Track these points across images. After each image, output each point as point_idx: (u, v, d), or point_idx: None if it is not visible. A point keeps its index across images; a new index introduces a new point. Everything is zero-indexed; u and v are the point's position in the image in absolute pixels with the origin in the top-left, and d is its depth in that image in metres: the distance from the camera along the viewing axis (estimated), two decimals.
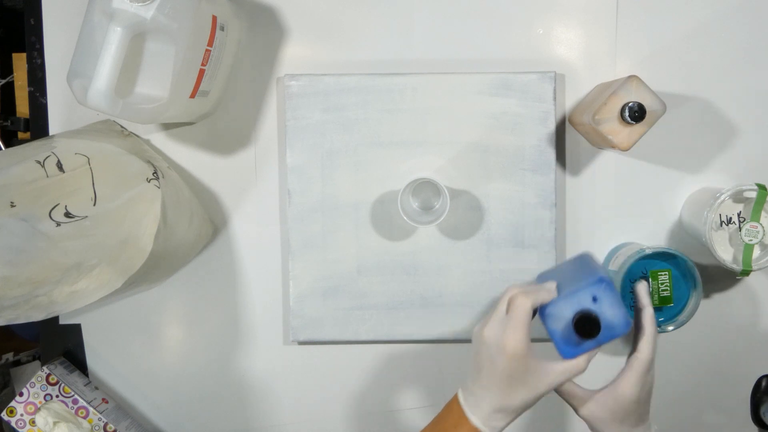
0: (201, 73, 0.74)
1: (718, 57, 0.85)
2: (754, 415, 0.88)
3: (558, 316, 0.61)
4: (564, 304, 0.61)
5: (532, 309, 0.60)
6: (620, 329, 0.60)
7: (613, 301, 0.60)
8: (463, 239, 0.85)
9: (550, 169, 0.84)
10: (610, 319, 0.60)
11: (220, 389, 0.90)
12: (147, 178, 0.76)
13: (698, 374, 0.88)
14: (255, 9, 0.86)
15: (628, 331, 0.61)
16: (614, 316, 0.60)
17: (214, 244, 0.88)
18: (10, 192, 0.76)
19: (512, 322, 0.60)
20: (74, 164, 0.77)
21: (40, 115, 0.87)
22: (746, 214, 0.78)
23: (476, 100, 0.84)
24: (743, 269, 0.77)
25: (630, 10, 0.85)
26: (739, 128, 0.85)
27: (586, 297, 0.60)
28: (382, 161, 0.85)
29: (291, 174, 0.85)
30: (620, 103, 0.73)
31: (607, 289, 0.60)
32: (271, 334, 0.89)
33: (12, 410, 0.84)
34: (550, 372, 0.60)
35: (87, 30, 0.69)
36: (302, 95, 0.84)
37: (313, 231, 0.85)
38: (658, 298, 0.79)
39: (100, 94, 0.65)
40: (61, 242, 0.76)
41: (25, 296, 0.73)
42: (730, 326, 0.87)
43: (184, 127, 0.87)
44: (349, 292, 0.85)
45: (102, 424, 0.85)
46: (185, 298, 0.89)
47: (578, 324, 0.59)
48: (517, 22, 0.85)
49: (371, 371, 0.89)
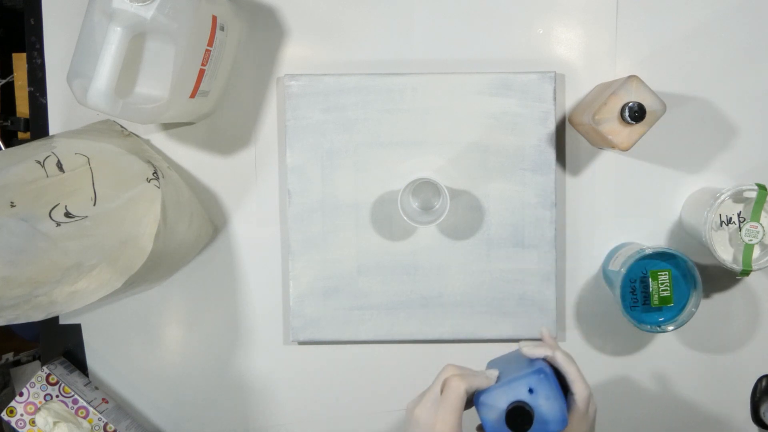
0: (201, 73, 0.74)
1: (718, 57, 0.85)
2: (754, 415, 0.88)
3: (492, 405, 0.58)
4: (499, 393, 0.58)
5: (466, 393, 0.58)
6: (555, 425, 0.57)
7: (549, 393, 0.57)
8: (463, 239, 0.85)
9: (550, 169, 0.84)
10: (545, 413, 0.57)
11: (220, 389, 0.90)
12: (147, 178, 0.76)
13: (698, 374, 0.88)
14: (255, 9, 0.86)
15: (563, 429, 0.58)
16: (550, 410, 0.57)
17: (214, 244, 0.88)
18: (10, 192, 0.76)
19: (444, 405, 0.58)
20: (74, 164, 0.77)
21: (40, 115, 0.87)
22: (746, 214, 0.78)
23: (476, 100, 0.84)
24: (743, 269, 0.77)
25: (630, 10, 0.85)
26: (739, 128, 0.85)
27: (522, 387, 0.58)
28: (382, 161, 0.85)
29: (291, 174, 0.85)
30: (620, 103, 0.73)
31: (545, 381, 0.58)
32: (271, 334, 0.89)
33: (12, 410, 0.84)
34: None
35: (87, 30, 0.69)
36: (302, 95, 0.84)
37: (313, 231, 0.85)
38: (658, 298, 0.79)
39: (100, 94, 0.65)
40: (61, 242, 0.76)
41: (25, 296, 0.73)
42: (730, 326, 0.87)
43: (184, 127, 0.87)
44: (349, 292, 0.85)
45: (102, 424, 0.85)
46: (185, 298, 0.89)
47: (510, 415, 0.56)
48: (517, 22, 0.85)
49: (371, 371, 0.89)
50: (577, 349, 0.88)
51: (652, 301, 0.79)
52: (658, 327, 0.79)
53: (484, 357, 0.89)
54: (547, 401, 0.57)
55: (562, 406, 0.57)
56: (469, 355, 0.88)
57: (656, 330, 0.79)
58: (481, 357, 0.89)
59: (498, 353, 0.90)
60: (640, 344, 0.88)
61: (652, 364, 0.88)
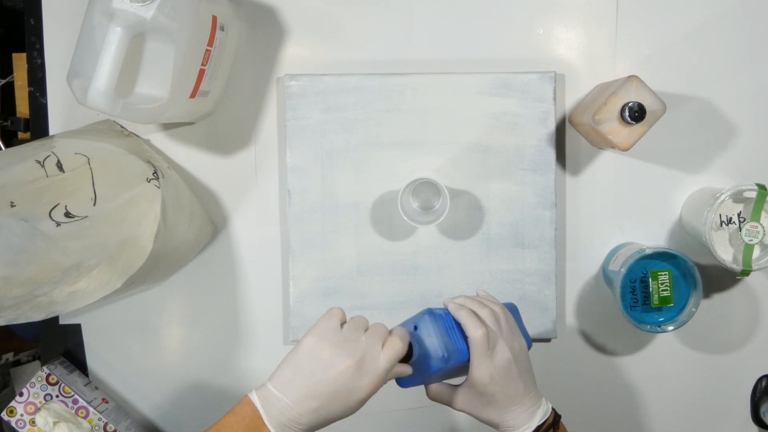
0: (201, 73, 0.74)
1: (718, 57, 0.85)
2: (754, 415, 0.88)
3: None
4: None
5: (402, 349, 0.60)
6: (435, 360, 0.61)
7: (431, 331, 0.61)
8: (463, 239, 0.85)
9: (550, 169, 0.84)
10: (428, 348, 0.61)
11: (220, 389, 0.90)
12: (147, 178, 0.76)
13: (698, 374, 0.88)
14: (255, 9, 0.86)
15: (453, 365, 0.62)
16: (431, 345, 0.61)
17: (214, 244, 0.88)
18: (10, 192, 0.76)
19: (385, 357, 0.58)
20: (74, 164, 0.77)
21: (40, 115, 0.87)
22: (746, 214, 0.78)
23: (476, 100, 0.84)
24: (743, 269, 0.77)
25: (630, 10, 0.85)
26: (739, 128, 0.85)
27: (409, 325, 0.63)
28: (382, 161, 0.85)
29: (291, 174, 0.85)
30: (620, 103, 0.73)
31: (427, 319, 0.62)
32: (271, 334, 0.89)
33: (12, 410, 0.84)
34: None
35: (87, 30, 0.69)
36: (302, 95, 0.84)
37: (313, 231, 0.85)
38: (658, 298, 0.79)
39: (100, 94, 0.65)
40: (61, 242, 0.76)
41: (25, 296, 0.73)
42: (730, 326, 0.87)
43: (184, 127, 0.87)
44: (349, 292, 0.85)
45: (102, 424, 0.85)
46: (185, 298, 0.89)
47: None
48: (517, 22, 0.85)
49: None
50: (577, 349, 0.88)
51: (652, 301, 0.79)
52: (658, 327, 0.79)
53: None
54: (429, 337, 0.62)
55: (443, 342, 0.61)
56: None
57: (656, 330, 0.79)
58: None
59: None
60: (640, 344, 0.88)
61: (652, 364, 0.88)
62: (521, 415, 0.64)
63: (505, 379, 0.63)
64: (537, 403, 0.65)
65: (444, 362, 0.61)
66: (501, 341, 0.63)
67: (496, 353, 0.63)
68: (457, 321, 0.64)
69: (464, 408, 0.66)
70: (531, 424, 0.64)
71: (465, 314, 0.63)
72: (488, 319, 0.64)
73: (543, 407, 0.65)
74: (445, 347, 0.61)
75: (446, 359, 0.61)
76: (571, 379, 0.88)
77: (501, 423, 0.65)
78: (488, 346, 0.62)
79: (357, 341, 0.59)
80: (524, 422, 0.64)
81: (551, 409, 0.65)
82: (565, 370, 0.88)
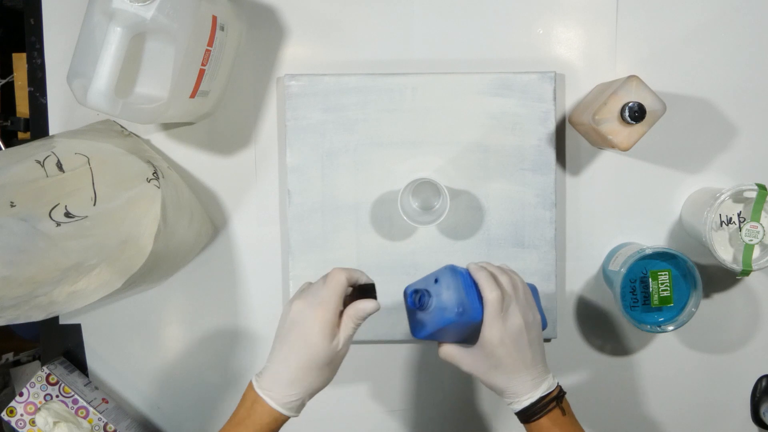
0: (201, 73, 0.74)
1: (718, 57, 0.85)
2: (754, 415, 0.88)
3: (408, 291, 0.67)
4: (416, 283, 0.68)
5: (347, 281, 0.64)
6: (450, 312, 0.63)
7: (450, 284, 0.65)
8: (463, 239, 0.85)
9: (550, 169, 0.84)
10: (444, 301, 0.64)
11: (220, 389, 0.90)
12: (147, 178, 0.76)
13: (698, 374, 0.88)
14: (255, 9, 0.86)
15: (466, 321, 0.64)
16: (448, 299, 0.64)
17: (214, 244, 0.88)
18: (10, 192, 0.76)
19: (326, 288, 0.63)
20: (74, 164, 0.77)
21: (40, 115, 0.87)
22: (746, 214, 0.78)
23: (476, 100, 0.84)
24: (743, 269, 0.77)
25: (630, 10, 0.85)
26: (739, 128, 0.85)
27: (431, 278, 0.67)
28: (382, 161, 0.85)
29: (291, 174, 0.85)
30: (620, 103, 0.73)
31: (448, 274, 0.65)
32: (271, 334, 0.88)
33: (12, 410, 0.84)
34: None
35: (87, 30, 0.69)
36: (302, 95, 0.84)
37: (313, 231, 0.85)
38: (658, 298, 0.79)
39: (100, 94, 0.65)
40: (61, 242, 0.76)
41: (25, 296, 0.73)
42: (730, 326, 0.87)
43: (184, 127, 0.87)
44: None
45: (102, 424, 0.85)
46: (185, 298, 0.89)
47: (408, 295, 0.66)
48: (517, 22, 0.85)
49: (371, 371, 0.89)
50: (577, 349, 0.88)
51: (652, 301, 0.79)
52: (658, 327, 0.79)
53: None
54: (447, 290, 0.64)
55: (458, 297, 0.64)
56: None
57: (656, 330, 0.79)
58: None
59: None
60: (640, 344, 0.88)
61: (652, 364, 0.88)
62: (526, 384, 0.65)
63: (515, 345, 0.64)
64: (544, 376, 0.66)
65: (458, 316, 0.63)
66: (515, 307, 0.65)
67: (509, 317, 0.65)
68: (476, 282, 0.66)
69: (472, 370, 0.67)
70: (534, 394, 0.65)
71: (484, 275, 0.66)
72: (506, 284, 0.66)
73: (549, 381, 0.66)
74: (460, 302, 0.64)
75: (460, 313, 0.63)
76: (570, 379, 0.88)
77: (506, 389, 0.66)
78: (501, 309, 0.64)
79: (309, 289, 0.65)
80: (528, 391, 0.65)
81: (557, 384, 0.67)
82: (565, 370, 0.88)
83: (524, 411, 0.66)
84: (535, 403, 0.65)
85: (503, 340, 0.64)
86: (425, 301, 0.65)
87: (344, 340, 0.63)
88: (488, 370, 0.66)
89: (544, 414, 0.65)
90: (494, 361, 0.65)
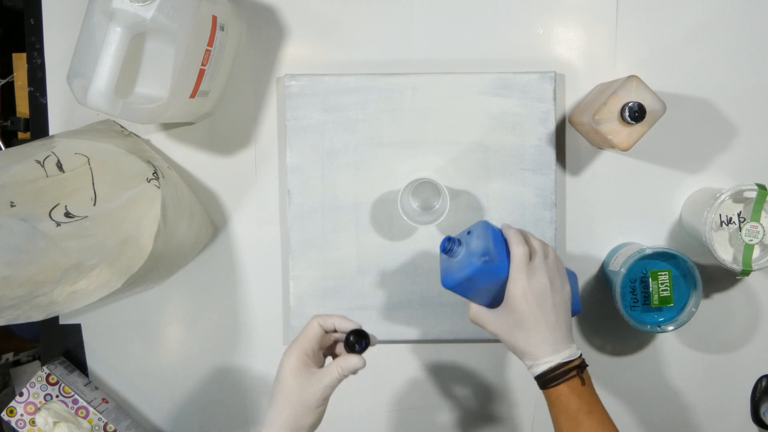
0: (201, 73, 0.74)
1: (718, 57, 0.85)
2: (754, 415, 0.88)
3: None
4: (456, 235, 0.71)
5: (319, 326, 0.64)
6: (477, 258, 0.66)
7: (480, 234, 0.68)
8: None
9: (550, 169, 0.84)
10: (473, 248, 0.67)
11: (220, 389, 0.90)
12: (147, 178, 0.76)
13: (698, 374, 0.88)
14: (255, 9, 0.86)
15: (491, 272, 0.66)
16: (477, 246, 0.67)
17: (214, 244, 0.88)
18: (10, 192, 0.76)
19: (300, 334, 0.64)
20: (74, 164, 0.77)
21: (40, 115, 0.87)
22: (746, 214, 0.78)
23: (476, 100, 0.84)
24: (743, 269, 0.77)
25: (630, 10, 0.85)
26: (739, 128, 0.85)
27: (464, 231, 0.71)
28: (382, 161, 0.85)
29: (291, 174, 0.85)
30: (620, 103, 0.73)
31: (482, 226, 0.69)
32: (271, 334, 0.89)
33: (12, 410, 0.84)
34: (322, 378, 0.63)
35: (87, 30, 0.69)
36: (302, 95, 0.84)
37: (313, 231, 0.85)
38: (658, 298, 0.79)
39: (100, 94, 0.65)
40: (61, 242, 0.76)
41: (25, 296, 0.73)
42: (730, 326, 0.87)
43: (184, 127, 0.87)
44: (349, 292, 0.85)
45: (102, 424, 0.85)
46: (185, 298, 0.89)
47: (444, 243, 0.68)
48: (517, 22, 0.85)
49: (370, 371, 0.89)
50: None
51: (652, 301, 0.79)
52: (658, 327, 0.79)
53: (485, 357, 0.89)
54: (477, 240, 0.68)
55: (486, 246, 0.66)
56: (470, 355, 0.88)
57: (656, 330, 0.79)
58: (482, 357, 0.89)
59: (498, 353, 0.90)
60: (640, 344, 0.88)
61: (652, 364, 0.88)
62: (546, 346, 0.65)
63: (538, 302, 0.65)
64: (566, 343, 0.66)
65: (484, 264, 0.65)
66: (542, 267, 0.66)
67: (535, 274, 0.66)
68: (506, 239, 0.69)
69: (496, 330, 0.68)
70: (553, 359, 0.65)
71: (513, 232, 0.69)
72: (536, 245, 0.68)
73: (571, 350, 0.66)
74: (487, 250, 0.66)
75: (486, 261, 0.65)
76: None
77: (525, 350, 0.66)
78: (527, 263, 0.66)
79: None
80: (548, 354, 0.65)
81: (580, 355, 0.67)
82: None
83: (543, 375, 0.65)
84: (554, 368, 0.65)
85: (526, 294, 0.65)
86: (454, 248, 0.68)
87: (327, 382, 0.63)
88: (511, 329, 0.66)
89: (563, 381, 0.65)
90: (516, 317, 0.66)
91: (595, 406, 0.65)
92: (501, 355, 0.88)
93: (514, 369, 0.88)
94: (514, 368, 0.88)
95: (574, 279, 0.75)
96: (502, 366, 0.88)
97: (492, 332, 0.69)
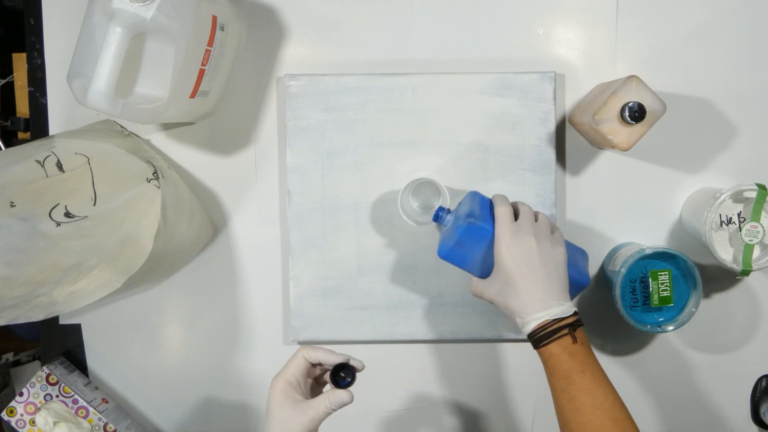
0: (201, 73, 0.74)
1: (718, 57, 0.85)
2: (754, 415, 0.88)
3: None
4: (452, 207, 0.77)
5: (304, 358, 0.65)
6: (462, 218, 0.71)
7: (468, 202, 0.74)
8: None
9: (550, 169, 0.84)
10: (460, 213, 0.73)
11: (220, 389, 0.90)
12: (147, 178, 0.76)
13: (698, 374, 0.88)
14: (255, 9, 0.86)
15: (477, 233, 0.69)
16: (463, 210, 0.73)
17: (214, 244, 0.88)
18: (10, 192, 0.76)
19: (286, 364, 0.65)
20: (74, 164, 0.77)
21: (40, 115, 0.87)
22: (746, 214, 0.78)
23: (476, 100, 0.84)
24: (743, 269, 0.77)
25: (630, 10, 0.85)
26: (739, 128, 0.85)
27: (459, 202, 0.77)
28: (382, 161, 0.85)
29: (291, 174, 0.85)
30: (620, 103, 0.73)
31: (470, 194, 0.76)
32: (271, 334, 0.89)
33: (12, 410, 0.84)
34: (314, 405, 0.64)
35: (87, 30, 0.69)
36: (302, 95, 0.84)
37: (313, 231, 0.85)
38: (658, 298, 0.79)
39: (100, 94, 0.65)
40: (61, 242, 0.76)
41: (25, 296, 0.73)
42: (730, 326, 0.87)
43: (184, 127, 0.87)
44: (349, 292, 0.85)
45: (102, 424, 0.85)
46: (185, 298, 0.89)
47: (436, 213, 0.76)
48: (517, 22, 0.85)
49: (371, 371, 0.89)
50: None
51: (652, 301, 0.79)
52: (658, 327, 0.79)
53: (485, 357, 0.89)
54: (464, 206, 0.74)
55: (471, 209, 0.71)
56: (470, 355, 0.88)
57: (656, 330, 0.79)
58: (482, 357, 0.89)
59: (498, 353, 0.90)
60: (640, 344, 0.88)
61: (652, 364, 0.88)
62: (534, 303, 0.65)
63: (524, 259, 0.65)
64: (558, 302, 0.65)
65: (468, 223, 0.69)
66: (529, 228, 0.68)
67: (519, 233, 0.67)
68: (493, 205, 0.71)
69: (492, 294, 0.69)
70: (542, 315, 0.64)
71: (499, 197, 0.72)
72: (522, 208, 0.70)
73: (563, 308, 0.64)
74: (472, 212, 0.71)
75: (471, 222, 0.69)
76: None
77: (516, 308, 0.66)
78: (511, 221, 0.68)
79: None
80: (536, 311, 0.64)
81: (575, 313, 0.65)
82: None
83: (534, 334, 0.64)
84: (544, 326, 0.63)
85: (510, 250, 0.66)
86: (443, 216, 0.75)
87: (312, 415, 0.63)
88: (502, 289, 0.67)
89: (554, 339, 0.63)
90: (504, 276, 0.66)
91: (589, 366, 0.63)
92: (501, 355, 0.88)
93: (514, 369, 0.88)
94: (514, 368, 0.88)
95: (584, 255, 0.76)
96: (502, 366, 0.88)
97: (489, 299, 0.70)
